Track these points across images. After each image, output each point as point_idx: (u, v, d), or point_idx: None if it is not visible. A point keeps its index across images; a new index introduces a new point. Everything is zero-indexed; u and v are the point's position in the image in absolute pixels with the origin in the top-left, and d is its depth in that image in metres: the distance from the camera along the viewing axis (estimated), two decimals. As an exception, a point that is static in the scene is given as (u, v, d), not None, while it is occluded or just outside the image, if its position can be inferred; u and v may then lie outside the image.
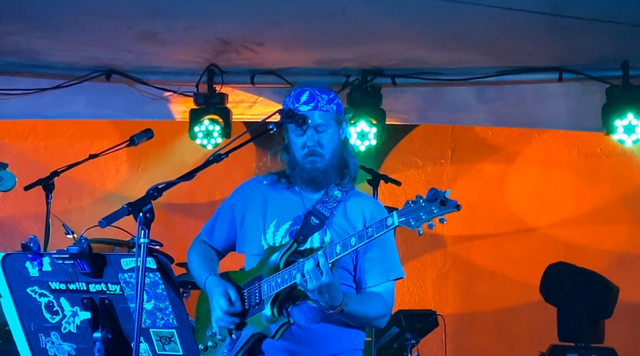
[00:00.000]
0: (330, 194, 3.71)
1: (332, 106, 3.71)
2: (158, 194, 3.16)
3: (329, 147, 3.68)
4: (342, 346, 3.66)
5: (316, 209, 3.67)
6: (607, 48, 6.41)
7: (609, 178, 7.86)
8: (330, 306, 3.41)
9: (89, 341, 3.18)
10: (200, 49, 6.74)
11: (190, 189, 8.18)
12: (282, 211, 3.73)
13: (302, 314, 3.58)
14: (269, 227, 3.72)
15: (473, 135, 8.10)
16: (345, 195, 3.72)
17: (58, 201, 6.58)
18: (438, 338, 7.30)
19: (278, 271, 3.55)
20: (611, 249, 7.73)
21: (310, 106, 3.67)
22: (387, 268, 3.66)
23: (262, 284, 3.59)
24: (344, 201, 3.70)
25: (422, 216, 3.20)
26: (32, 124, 8.14)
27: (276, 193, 3.79)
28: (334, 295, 3.38)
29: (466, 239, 8.05)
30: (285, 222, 3.70)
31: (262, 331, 3.55)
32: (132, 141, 5.02)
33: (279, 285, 3.52)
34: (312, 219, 3.64)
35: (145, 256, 2.98)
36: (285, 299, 3.57)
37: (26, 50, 6.83)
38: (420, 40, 6.43)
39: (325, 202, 3.68)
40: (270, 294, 3.54)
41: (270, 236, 3.70)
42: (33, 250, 3.19)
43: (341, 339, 3.64)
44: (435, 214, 3.19)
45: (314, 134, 3.66)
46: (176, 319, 3.13)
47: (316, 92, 3.70)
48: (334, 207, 3.68)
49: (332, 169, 3.70)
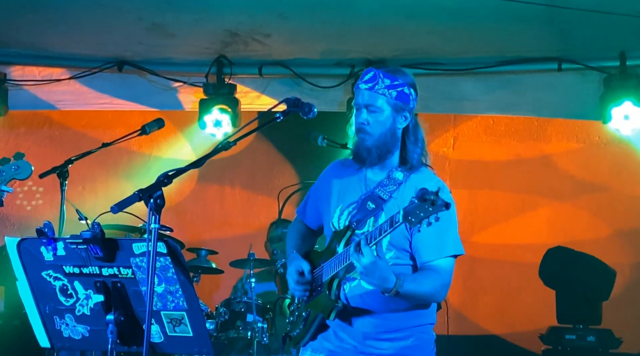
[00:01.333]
0: (392, 176, 3.68)
1: (392, 91, 3.65)
2: (168, 181, 3.17)
3: (377, 129, 3.65)
4: (402, 324, 3.66)
5: (375, 193, 3.66)
6: (605, 38, 6.48)
7: (606, 165, 7.90)
8: (384, 289, 3.40)
9: (102, 323, 3.21)
10: (209, 41, 6.83)
11: (200, 176, 8.27)
12: (346, 195, 3.76)
13: (357, 295, 3.62)
14: (336, 211, 3.76)
15: (475, 124, 8.13)
16: (407, 177, 3.68)
17: (72, 188, 6.66)
18: (441, 321, 7.27)
19: (334, 256, 3.62)
20: (609, 234, 7.79)
21: (367, 86, 3.67)
22: (441, 244, 3.60)
23: (324, 268, 3.67)
24: (404, 182, 3.66)
25: (420, 214, 3.21)
26: (47, 114, 8.20)
27: (348, 176, 3.81)
28: (384, 277, 3.37)
29: (468, 225, 8.10)
30: (348, 206, 3.73)
31: (321, 311, 3.64)
32: (143, 130, 5.09)
33: (333, 269, 3.60)
34: (369, 204, 3.64)
35: (156, 241, 3.01)
36: (341, 281, 3.63)
37: (40, 42, 6.94)
38: (423, 32, 6.50)
39: (385, 185, 3.67)
40: (328, 277, 3.62)
41: (336, 219, 3.74)
42: (48, 235, 3.21)
43: (399, 319, 3.64)
44: (430, 212, 3.20)
45: (365, 113, 3.66)
46: (186, 302, 3.16)
47: (380, 74, 3.67)
48: (394, 190, 3.65)
49: (377, 150, 3.66)
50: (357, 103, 3.72)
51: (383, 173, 3.73)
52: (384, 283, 3.39)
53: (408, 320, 3.67)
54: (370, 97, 3.67)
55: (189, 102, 7.40)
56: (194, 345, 3.26)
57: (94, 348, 3.56)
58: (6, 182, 4.52)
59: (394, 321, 3.64)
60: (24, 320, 3.47)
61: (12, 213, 8.19)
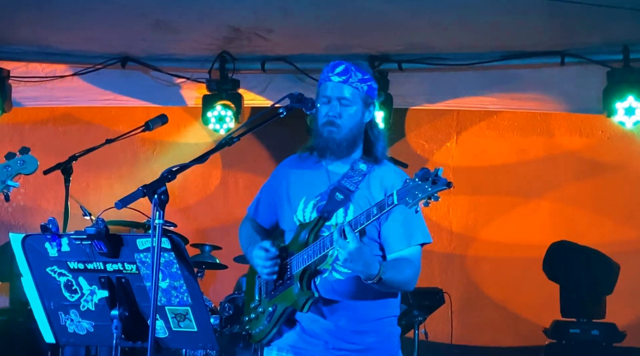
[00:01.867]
0: (355, 168, 3.71)
1: (364, 86, 3.71)
2: (172, 177, 3.18)
3: (348, 122, 3.68)
4: (373, 315, 3.67)
5: (341, 185, 3.67)
6: (607, 32, 6.47)
7: (610, 159, 7.90)
8: (368, 276, 3.40)
9: (106, 318, 3.23)
10: (212, 37, 6.83)
11: (204, 172, 8.28)
12: (309, 187, 3.75)
13: (329, 286, 3.62)
14: (299, 204, 3.74)
15: (478, 118, 8.14)
16: (370, 168, 3.71)
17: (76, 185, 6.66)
18: (444, 315, 7.37)
19: (306, 247, 3.59)
20: (612, 228, 7.79)
21: (341, 79, 3.69)
22: (410, 233, 3.63)
23: (292, 260, 3.64)
24: (368, 173, 3.69)
25: (418, 195, 3.21)
26: (51, 111, 8.20)
27: (307, 169, 3.81)
28: (369, 263, 3.38)
29: (472, 220, 8.12)
30: (313, 198, 3.72)
31: (292, 305, 3.60)
32: (147, 126, 5.09)
33: (306, 261, 3.57)
34: (337, 195, 3.65)
35: (160, 236, 3.02)
36: (313, 273, 3.62)
37: (44, 39, 6.96)
38: (426, 27, 6.51)
39: (351, 176, 3.69)
40: (299, 269, 3.59)
41: (301, 212, 3.73)
42: (52, 231, 3.21)
43: (370, 308, 3.66)
44: (429, 192, 3.19)
45: (337, 106, 3.67)
46: (190, 297, 3.17)
47: (352, 68, 3.70)
48: (359, 181, 3.68)
49: (346, 143, 3.70)
50: (326, 95, 3.71)
51: (346, 165, 3.75)
52: (368, 269, 3.40)
53: (378, 311, 3.69)
54: (343, 89, 3.69)
55: (192, 98, 7.41)
56: (199, 340, 3.27)
57: (99, 343, 3.58)
58: (12, 177, 4.52)
59: (365, 312, 3.65)
60: (29, 315, 3.48)
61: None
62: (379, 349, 3.70)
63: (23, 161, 4.50)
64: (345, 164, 3.75)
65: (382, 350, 3.71)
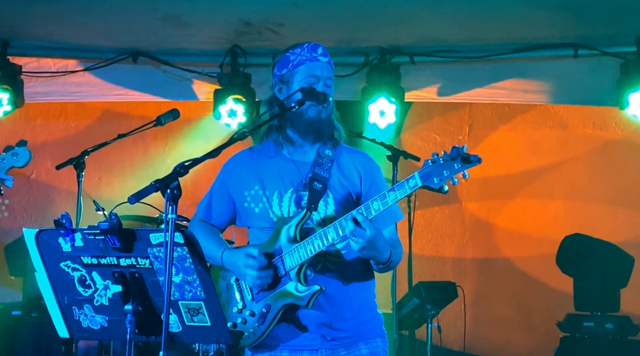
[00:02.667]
0: (322, 153, 3.67)
1: (332, 65, 3.74)
2: (184, 171, 3.16)
3: (331, 103, 3.68)
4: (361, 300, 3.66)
5: (316, 173, 3.62)
6: (621, 24, 6.46)
7: (623, 151, 7.89)
8: (383, 258, 3.41)
9: (120, 313, 3.20)
10: (223, 31, 6.84)
11: (216, 166, 8.26)
12: (280, 180, 3.67)
13: (322, 279, 3.58)
14: (273, 198, 3.66)
15: (490, 111, 8.13)
16: (336, 152, 3.68)
17: (89, 179, 6.69)
18: (457, 308, 7.38)
19: (297, 243, 3.53)
20: (626, 221, 7.77)
21: (326, 59, 3.70)
22: (391, 212, 3.55)
23: (284, 257, 3.56)
24: (335, 159, 3.66)
25: (445, 173, 3.17)
26: (63, 106, 8.23)
27: (268, 161, 3.72)
28: (381, 249, 3.37)
29: (484, 213, 8.12)
30: (286, 191, 3.65)
31: (293, 301, 3.54)
32: (158, 121, 5.07)
33: (303, 257, 3.50)
34: (316, 185, 3.60)
35: (173, 231, 3.00)
36: (308, 267, 3.56)
37: (55, 34, 6.98)
38: (437, 19, 6.51)
39: (321, 163, 3.64)
40: (296, 265, 3.53)
41: (277, 207, 3.65)
42: (65, 226, 3.19)
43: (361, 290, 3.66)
44: (457, 170, 3.16)
45: (325, 87, 3.65)
46: (204, 291, 3.15)
47: (326, 49, 3.72)
48: (330, 167, 3.64)
49: (330, 123, 3.70)
50: (316, 75, 3.65)
51: (311, 153, 3.69)
52: (382, 254, 3.40)
53: (365, 295, 3.69)
54: (329, 70, 3.71)
55: (203, 93, 7.41)
56: (212, 334, 3.25)
57: (113, 338, 3.57)
58: (5, 170, 4.51)
59: (355, 297, 3.63)
60: (42, 310, 3.47)
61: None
62: (370, 330, 3.69)
63: (16, 153, 4.48)
64: (310, 152, 3.70)
65: (373, 331, 3.70)
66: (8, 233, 7.85)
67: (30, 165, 8.00)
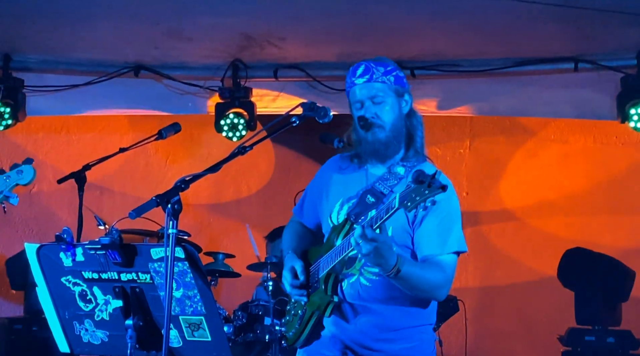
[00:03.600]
0: (392, 171, 3.63)
1: (390, 77, 3.63)
2: (185, 186, 3.18)
3: (388, 119, 3.60)
4: (399, 323, 3.59)
5: (374, 187, 3.60)
6: (621, 38, 6.46)
7: (624, 165, 7.87)
8: (388, 266, 3.29)
9: (121, 328, 3.23)
10: (225, 45, 6.85)
11: (217, 181, 8.29)
12: (346, 190, 3.70)
13: (356, 292, 3.56)
14: (335, 206, 3.70)
15: (491, 125, 8.13)
16: (409, 172, 3.58)
17: (90, 194, 6.67)
18: (459, 322, 7.35)
19: (331, 250, 3.55)
20: (627, 234, 7.74)
21: (365, 78, 3.62)
22: (444, 239, 3.50)
23: (320, 263, 3.61)
24: (405, 177, 3.58)
25: (416, 198, 3.07)
26: (65, 119, 8.23)
27: (346, 171, 3.76)
28: (387, 256, 3.27)
29: (485, 226, 8.11)
30: (349, 200, 3.66)
31: (316, 309, 3.58)
32: (160, 135, 5.09)
33: (330, 263, 3.53)
34: (368, 198, 3.57)
35: (174, 246, 3.01)
36: (339, 277, 3.57)
37: (57, 48, 6.99)
38: (438, 34, 6.52)
39: (386, 179, 3.61)
40: (323, 272, 3.56)
41: (335, 214, 3.69)
42: (67, 241, 3.21)
43: (397, 316, 3.58)
44: (426, 195, 3.06)
45: (371, 106, 3.60)
46: (204, 306, 3.17)
47: (372, 64, 3.64)
48: (395, 184, 3.58)
49: (393, 140, 3.63)
50: (357, 100, 3.65)
51: (385, 167, 3.68)
52: (387, 261, 3.29)
53: (407, 320, 3.60)
54: (371, 88, 3.63)
55: (205, 107, 7.43)
56: (213, 349, 3.26)
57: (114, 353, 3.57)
58: (10, 188, 4.51)
59: (392, 320, 3.58)
60: (43, 325, 3.47)
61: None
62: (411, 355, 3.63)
63: (21, 171, 4.49)
64: (385, 166, 3.68)
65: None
66: (9, 246, 7.84)
67: (32, 179, 8.10)
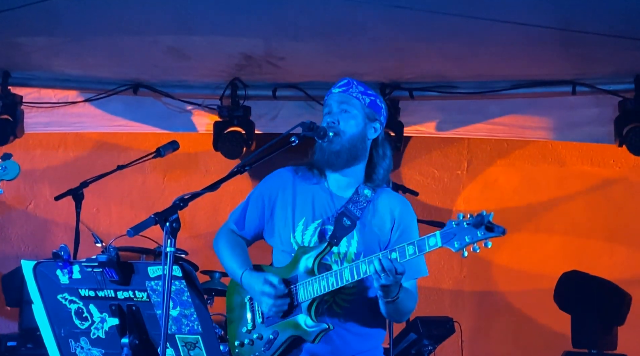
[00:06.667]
0: (360, 192, 3.65)
1: (366, 98, 3.67)
2: (184, 205, 3.18)
3: (348, 129, 3.63)
4: (363, 346, 3.64)
5: (348, 210, 3.60)
6: (619, 62, 6.50)
7: (621, 188, 7.86)
8: (391, 295, 3.38)
9: (117, 346, 3.23)
10: (224, 64, 6.87)
11: (215, 199, 8.27)
12: (311, 209, 3.67)
13: (335, 316, 3.58)
14: (298, 225, 3.67)
15: (489, 147, 8.12)
16: (375, 194, 3.65)
17: (87, 211, 6.66)
18: (454, 344, 7.33)
19: (314, 276, 3.52)
20: (624, 259, 7.74)
21: (341, 89, 3.68)
22: (414, 267, 3.55)
23: (298, 288, 3.56)
24: (373, 200, 3.64)
25: (466, 239, 3.15)
26: (62, 136, 8.21)
27: (306, 188, 3.72)
28: (398, 285, 3.37)
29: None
30: (314, 221, 3.65)
31: (300, 334, 3.54)
32: (158, 153, 5.13)
33: (317, 291, 3.49)
34: (345, 221, 3.58)
35: (172, 264, 3.02)
36: (320, 303, 3.56)
37: (56, 65, 7.00)
38: (436, 55, 6.53)
39: (356, 202, 3.62)
40: (308, 299, 3.52)
41: (300, 234, 3.65)
42: (63, 258, 3.22)
43: (363, 338, 3.64)
44: (480, 238, 3.14)
45: (337, 113, 3.65)
46: (201, 325, 3.17)
47: (354, 82, 3.71)
48: (364, 207, 3.62)
49: (347, 153, 3.63)
50: (327, 104, 3.70)
51: (350, 189, 3.69)
52: (397, 287, 3.37)
53: (370, 342, 3.67)
54: (343, 97, 3.68)
55: (203, 125, 7.44)
56: (209, 368, 3.25)
57: (109, 371, 3.57)
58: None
59: (359, 342, 3.62)
60: (38, 342, 3.46)
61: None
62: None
63: (5, 167, 4.45)
64: (350, 188, 3.69)
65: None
66: (5, 263, 7.82)
67: (29, 195, 8.08)
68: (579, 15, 5.66)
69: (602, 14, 5.60)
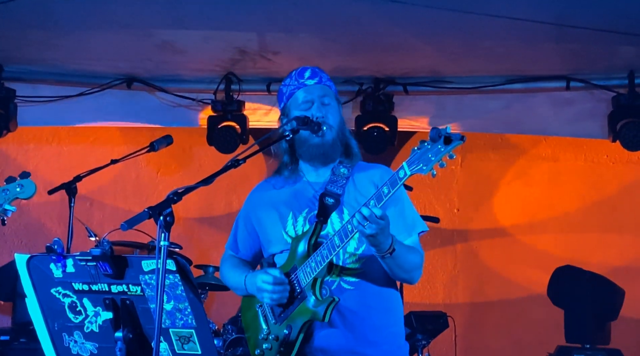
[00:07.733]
0: (337, 172, 3.69)
1: (331, 84, 3.79)
2: (178, 198, 3.17)
3: (334, 122, 3.69)
4: (384, 325, 3.63)
5: (328, 190, 3.63)
6: (613, 57, 6.52)
7: (615, 184, 7.91)
8: (384, 248, 3.35)
9: (110, 340, 3.21)
10: (218, 58, 6.86)
11: (209, 193, 8.27)
12: (295, 203, 3.71)
13: (341, 295, 3.55)
14: (287, 220, 3.70)
15: (482, 142, 8.14)
16: (352, 170, 3.70)
17: (81, 205, 6.65)
18: (448, 338, 7.33)
19: (308, 257, 3.53)
20: (617, 253, 7.77)
21: (315, 80, 3.73)
22: (409, 223, 3.61)
23: (298, 274, 3.57)
24: (351, 176, 3.68)
25: (432, 158, 3.11)
26: (56, 130, 8.22)
27: (285, 189, 3.76)
28: (388, 234, 3.33)
29: (476, 243, 8.11)
30: (301, 211, 3.69)
31: (311, 317, 3.53)
32: (152, 147, 5.10)
33: (315, 269, 3.50)
34: (327, 199, 3.60)
35: (166, 258, 3.00)
36: (322, 282, 3.54)
37: (50, 59, 6.99)
38: (431, 50, 6.54)
39: (335, 181, 3.66)
40: (309, 280, 3.53)
41: (291, 228, 3.69)
42: (57, 252, 3.21)
43: (381, 318, 3.62)
44: (443, 152, 3.10)
45: (322, 107, 3.68)
46: (195, 319, 3.16)
47: (317, 69, 3.78)
48: (344, 184, 3.65)
49: (338, 142, 3.71)
50: (308, 99, 3.70)
51: (325, 173, 3.73)
52: (388, 239, 3.34)
53: (388, 321, 3.65)
54: (321, 89, 3.72)
55: (197, 119, 7.43)
56: (203, 363, 3.25)
57: (102, 365, 3.56)
58: (9, 201, 4.52)
59: (376, 322, 3.60)
60: (31, 336, 3.45)
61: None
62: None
63: (21, 185, 4.49)
64: (325, 172, 3.73)
65: None
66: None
67: (22, 189, 8.05)
68: (573, 10, 5.66)
69: (596, 9, 5.61)
